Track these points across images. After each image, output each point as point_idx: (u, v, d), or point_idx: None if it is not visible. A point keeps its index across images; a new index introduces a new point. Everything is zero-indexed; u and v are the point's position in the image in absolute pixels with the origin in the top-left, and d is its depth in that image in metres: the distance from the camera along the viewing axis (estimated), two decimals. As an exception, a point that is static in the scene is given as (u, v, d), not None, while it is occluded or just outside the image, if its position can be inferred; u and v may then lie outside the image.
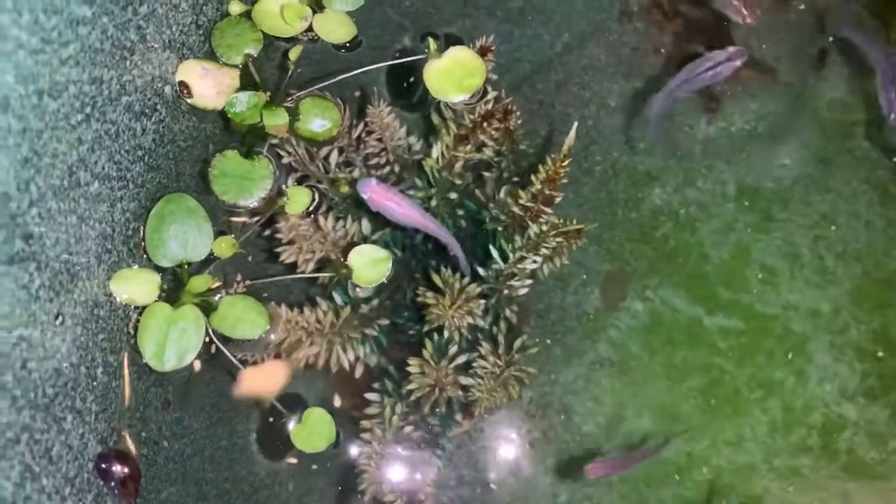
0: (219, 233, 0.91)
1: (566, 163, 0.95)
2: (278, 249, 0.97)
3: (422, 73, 0.98)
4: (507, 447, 1.10)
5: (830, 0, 1.21)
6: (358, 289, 0.97)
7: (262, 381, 0.93)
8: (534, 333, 1.11)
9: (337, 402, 1.01)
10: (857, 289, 1.15)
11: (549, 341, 1.12)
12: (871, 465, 1.12)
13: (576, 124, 0.98)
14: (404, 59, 1.01)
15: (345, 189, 0.97)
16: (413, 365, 0.94)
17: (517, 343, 1.02)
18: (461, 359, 0.97)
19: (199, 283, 0.86)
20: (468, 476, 1.07)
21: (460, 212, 1.02)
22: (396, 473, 0.97)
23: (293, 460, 0.98)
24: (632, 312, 1.14)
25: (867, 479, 1.11)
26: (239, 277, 0.92)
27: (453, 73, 0.95)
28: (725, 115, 1.17)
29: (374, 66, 1.00)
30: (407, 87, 1.07)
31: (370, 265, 0.91)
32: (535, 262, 0.98)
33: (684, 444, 1.13)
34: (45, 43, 0.67)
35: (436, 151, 0.98)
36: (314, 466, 1.01)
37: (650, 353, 1.13)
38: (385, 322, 1.00)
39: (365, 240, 0.96)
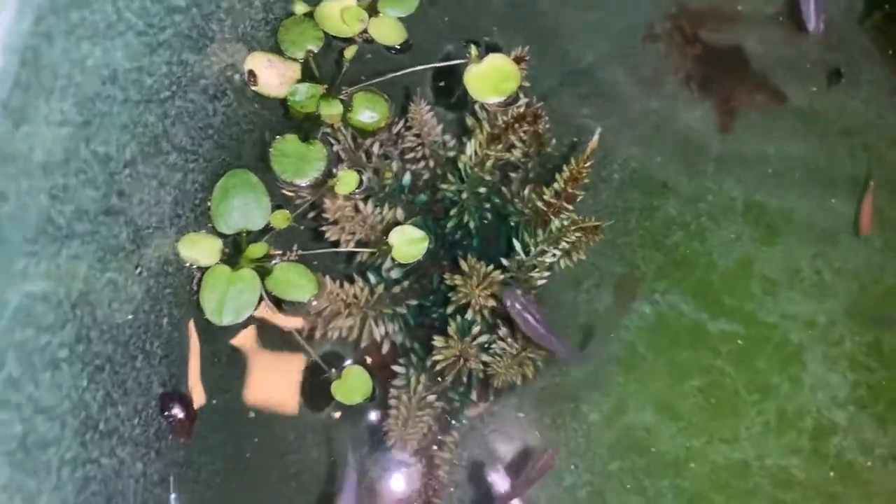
0: (275, 207, 1.04)
1: (588, 164, 1.08)
2: (324, 228, 1.10)
3: (462, 76, 1.11)
4: (517, 430, 1.18)
5: (842, 26, 1.32)
6: (391, 270, 1.10)
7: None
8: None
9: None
10: (852, 303, 1.24)
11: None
12: (858, 470, 1.20)
13: (599, 130, 1.11)
14: (448, 63, 1.15)
15: (388, 177, 1.10)
16: (438, 340, 1.07)
17: (534, 329, 1.13)
18: (483, 338, 1.09)
19: (257, 249, 0.99)
20: (479, 455, 1.17)
21: (487, 205, 1.14)
22: (417, 437, 1.09)
23: (334, 413, 1.11)
24: (640, 314, 1.23)
25: (853, 482, 1.19)
26: (294, 247, 1.06)
27: (491, 78, 1.09)
28: (738, 135, 1.28)
29: (421, 68, 1.13)
30: (448, 89, 1.20)
31: (409, 244, 1.04)
32: (554, 255, 1.10)
33: (684, 439, 1.23)
34: (148, 27, 0.81)
35: (469, 149, 1.11)
36: (348, 420, 1.14)
37: (655, 352, 1.22)
38: (413, 303, 1.12)
39: (398, 224, 1.10)
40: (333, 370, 1.04)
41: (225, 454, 1.08)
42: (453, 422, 1.12)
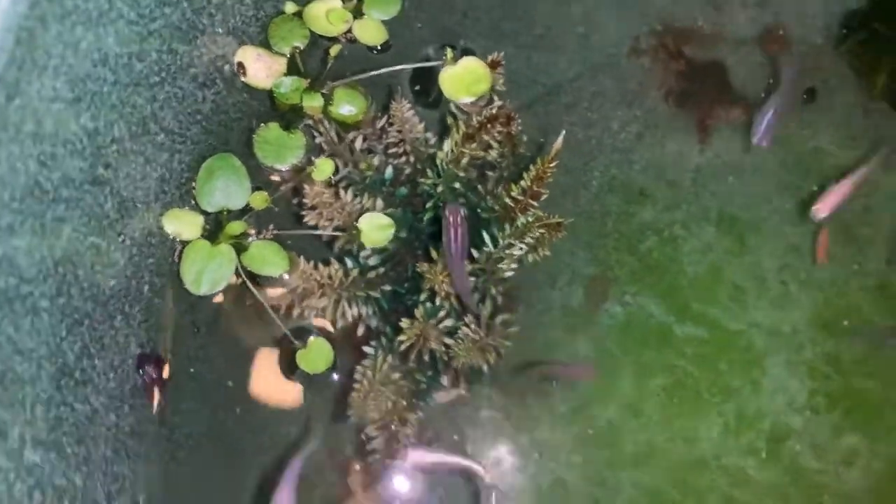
0: (255, 188, 1.14)
1: (553, 164, 1.16)
2: (303, 213, 1.20)
3: (438, 77, 1.20)
4: (486, 418, 1.26)
5: (820, 49, 1.38)
6: (369, 258, 1.19)
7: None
8: (521, 320, 1.27)
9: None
10: (815, 314, 1.30)
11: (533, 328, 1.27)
12: (811, 474, 1.26)
13: (563, 132, 1.18)
14: (425, 64, 1.23)
15: (368, 170, 1.19)
16: (405, 322, 1.15)
17: (498, 318, 1.22)
18: (448, 322, 1.17)
19: (236, 227, 1.09)
20: (443, 435, 1.23)
21: (462, 201, 1.23)
22: (378, 410, 1.18)
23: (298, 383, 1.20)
24: (611, 314, 1.29)
25: (805, 484, 1.25)
26: (270, 227, 1.15)
27: (464, 79, 1.18)
28: (714, 149, 1.35)
29: (400, 68, 1.22)
30: (425, 89, 1.29)
31: (376, 229, 1.13)
32: (521, 248, 1.18)
33: (644, 435, 1.28)
34: (139, 17, 0.91)
35: (446, 146, 1.20)
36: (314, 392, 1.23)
37: (623, 351, 1.28)
38: (388, 288, 1.21)
39: (374, 213, 1.19)
40: (299, 342, 1.13)
41: (199, 419, 1.17)
42: (420, 402, 1.20)
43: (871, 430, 1.28)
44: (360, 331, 1.22)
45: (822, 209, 1.27)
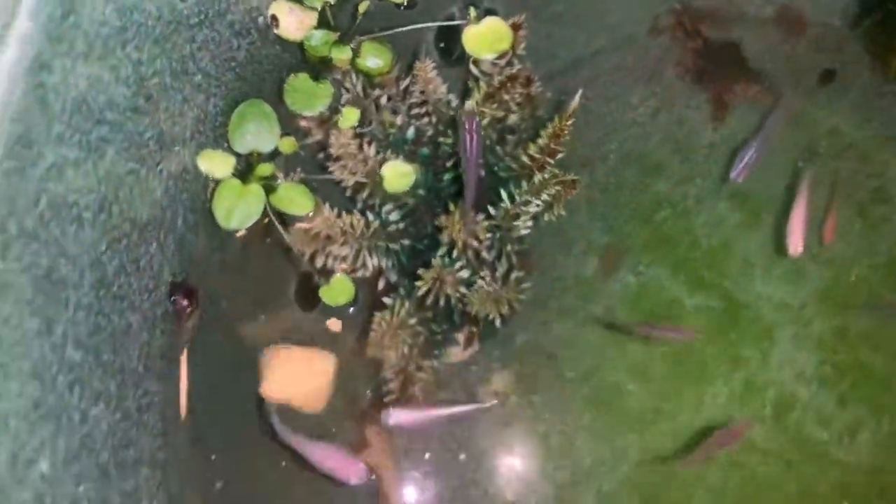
0: (284, 134, 1.23)
1: (570, 122, 1.24)
2: (328, 164, 1.28)
3: (461, 35, 1.29)
4: (498, 379, 1.32)
5: (838, 30, 1.44)
6: (391, 213, 1.27)
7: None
8: (535, 286, 1.33)
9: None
10: (825, 289, 1.35)
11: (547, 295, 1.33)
12: (815, 443, 1.30)
13: (580, 91, 1.27)
14: (449, 23, 1.31)
15: (391, 128, 1.27)
16: (422, 271, 1.23)
17: (513, 275, 1.29)
18: (464, 273, 1.25)
19: (265, 168, 1.18)
20: (457, 396, 1.30)
21: (481, 161, 1.31)
22: (394, 350, 1.25)
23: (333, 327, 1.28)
24: (623, 283, 1.35)
25: (809, 453, 1.29)
26: (298, 170, 1.23)
27: (486, 37, 1.25)
28: (729, 126, 1.40)
29: (425, 26, 1.31)
30: (449, 48, 1.36)
31: (399, 176, 1.21)
32: (537, 205, 1.26)
33: (651, 401, 1.35)
34: (180, -39, 1.00)
35: (467, 106, 1.28)
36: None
37: (634, 318, 1.34)
38: (407, 243, 1.29)
39: (398, 168, 1.27)
40: (323, 279, 1.21)
41: (223, 352, 1.26)
42: (434, 352, 1.27)
43: (877, 402, 1.32)
44: (381, 285, 1.28)
45: (796, 245, 1.32)
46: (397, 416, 1.19)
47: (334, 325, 1.25)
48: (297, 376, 1.23)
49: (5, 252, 0.74)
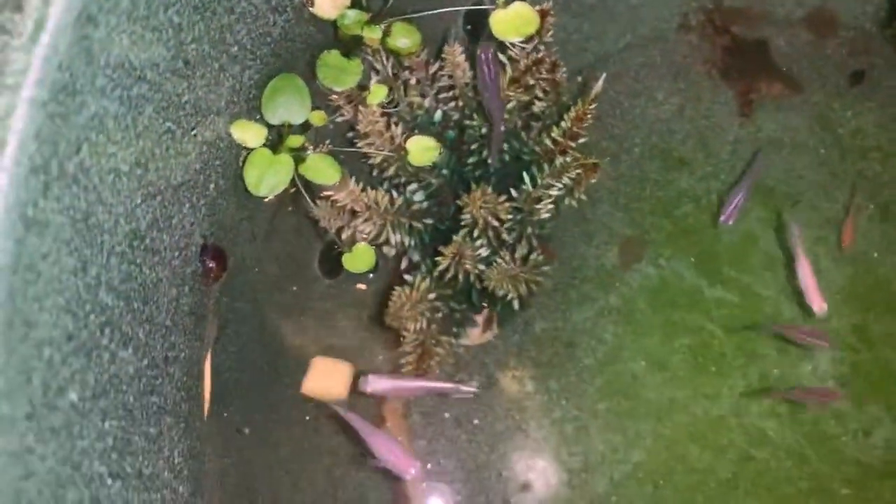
0: (315, 108, 1.30)
1: (593, 105, 1.30)
2: (356, 140, 1.35)
3: (488, 19, 1.35)
4: (516, 363, 1.38)
5: (869, 31, 1.48)
6: (415, 193, 1.33)
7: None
8: (556, 274, 1.39)
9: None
10: (846, 287, 1.38)
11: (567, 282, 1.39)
12: (831, 439, 1.34)
13: (604, 75, 1.32)
14: (478, 7, 1.37)
15: (417, 110, 1.34)
16: (443, 248, 1.29)
17: (532, 256, 1.35)
18: (484, 251, 1.31)
19: (296, 140, 1.26)
20: (474, 379, 1.36)
21: (506, 146, 1.37)
22: (412, 321, 1.31)
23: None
24: (644, 274, 1.40)
25: (825, 449, 1.33)
26: (327, 142, 1.31)
27: (513, 21, 1.32)
28: (755, 123, 1.45)
29: (454, 9, 1.37)
30: (476, 31, 1.41)
31: (423, 150, 1.28)
32: (559, 188, 1.32)
33: (667, 391, 1.41)
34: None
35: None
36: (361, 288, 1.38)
37: (653, 310, 1.39)
38: (430, 222, 1.35)
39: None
40: (346, 247, 1.28)
41: (250, 319, 1.33)
42: (453, 329, 1.33)
43: (894, 402, 1.36)
44: (404, 263, 1.34)
45: (819, 304, 1.35)
46: (375, 384, 1.25)
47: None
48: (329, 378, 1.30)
49: (46, 191, 0.81)
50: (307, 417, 1.34)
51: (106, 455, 0.89)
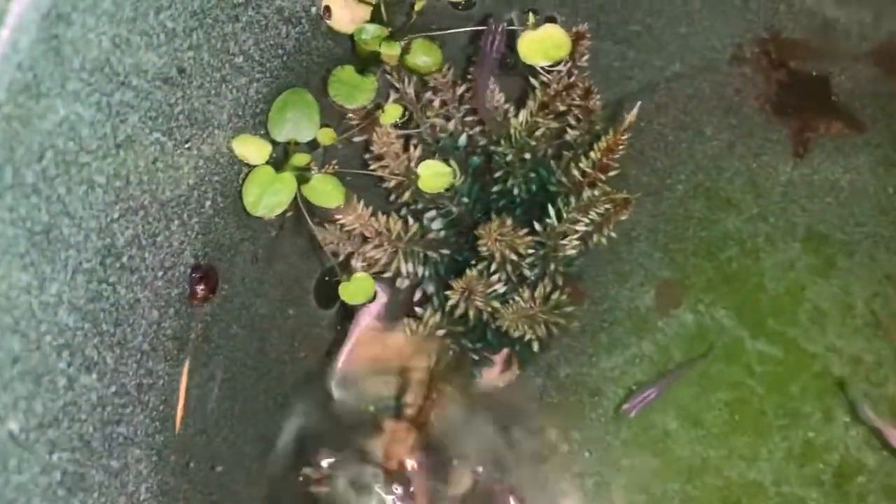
0: (324, 125, 1.22)
1: (625, 136, 1.19)
2: (368, 160, 1.26)
3: (517, 41, 1.25)
4: (535, 407, 1.28)
5: None
6: (434, 221, 1.24)
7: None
8: (585, 316, 1.30)
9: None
10: None
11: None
12: (880, 513, 1.21)
13: (639, 103, 1.22)
14: (508, 28, 1.29)
15: (440, 133, 1.25)
16: (454, 282, 1.20)
17: (555, 296, 1.24)
18: (499, 286, 1.21)
19: (301, 158, 1.18)
20: (495, 423, 1.26)
21: (532, 175, 1.27)
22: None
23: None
24: (681, 321, 1.30)
25: None
26: (333, 161, 1.22)
27: (543, 44, 1.23)
28: (810, 164, 1.34)
29: (480, 28, 1.28)
30: (504, 53, 1.34)
31: (435, 176, 1.19)
32: (586, 224, 1.21)
33: (700, 449, 1.29)
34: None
35: (522, 116, 1.25)
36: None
37: (689, 360, 1.29)
38: (447, 252, 1.26)
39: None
40: (345, 275, 1.19)
41: (243, 344, 1.25)
42: (469, 370, 1.24)
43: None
44: (418, 295, 1.25)
45: None
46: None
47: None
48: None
49: (-2, 199, 0.73)
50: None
51: (51, 491, 0.81)
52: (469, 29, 1.27)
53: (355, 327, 1.25)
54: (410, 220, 1.25)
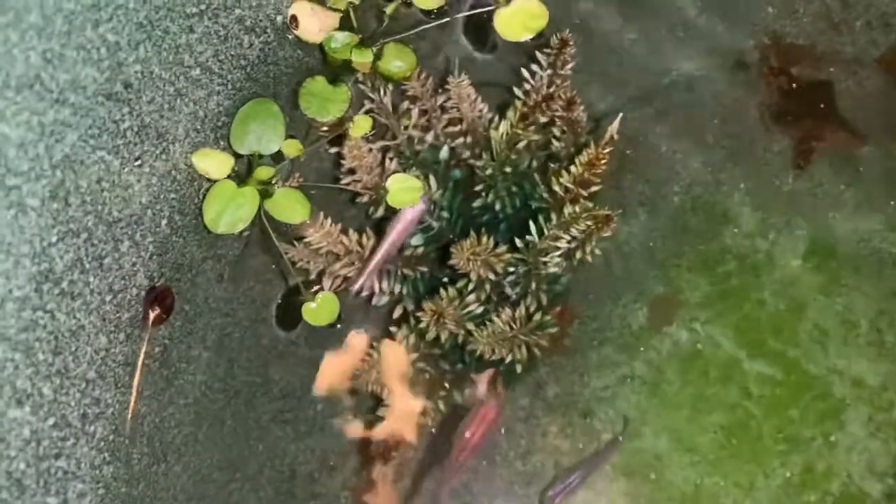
0: (290, 136, 1.15)
1: (607, 150, 1.12)
2: (341, 174, 1.19)
3: (492, 22, 1.18)
4: (522, 431, 1.22)
5: None
6: (413, 237, 1.17)
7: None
8: (575, 335, 1.23)
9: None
10: None
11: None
12: (882, 548, 1.15)
13: (620, 115, 1.14)
14: (477, 11, 1.21)
15: (417, 146, 1.18)
16: (427, 303, 1.12)
17: (537, 316, 1.16)
18: (475, 308, 1.13)
19: (265, 172, 1.12)
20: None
21: (515, 189, 1.19)
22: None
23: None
24: (675, 339, 1.24)
25: None
26: (297, 174, 1.16)
27: (519, 17, 1.16)
28: (813, 174, 1.27)
29: (456, 17, 1.21)
30: (481, 39, 1.25)
31: (404, 190, 1.12)
32: (568, 242, 1.14)
33: (694, 476, 1.21)
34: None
35: (502, 127, 1.17)
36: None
37: (683, 381, 1.23)
38: (424, 269, 1.18)
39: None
40: (309, 293, 1.13)
41: (212, 370, 1.18)
42: (442, 393, 1.16)
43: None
44: (397, 313, 1.19)
45: None
46: None
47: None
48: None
49: None
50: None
51: (-29, 537, 0.75)
52: (440, 21, 1.20)
53: (398, 223, 1.17)
54: (385, 236, 1.18)
